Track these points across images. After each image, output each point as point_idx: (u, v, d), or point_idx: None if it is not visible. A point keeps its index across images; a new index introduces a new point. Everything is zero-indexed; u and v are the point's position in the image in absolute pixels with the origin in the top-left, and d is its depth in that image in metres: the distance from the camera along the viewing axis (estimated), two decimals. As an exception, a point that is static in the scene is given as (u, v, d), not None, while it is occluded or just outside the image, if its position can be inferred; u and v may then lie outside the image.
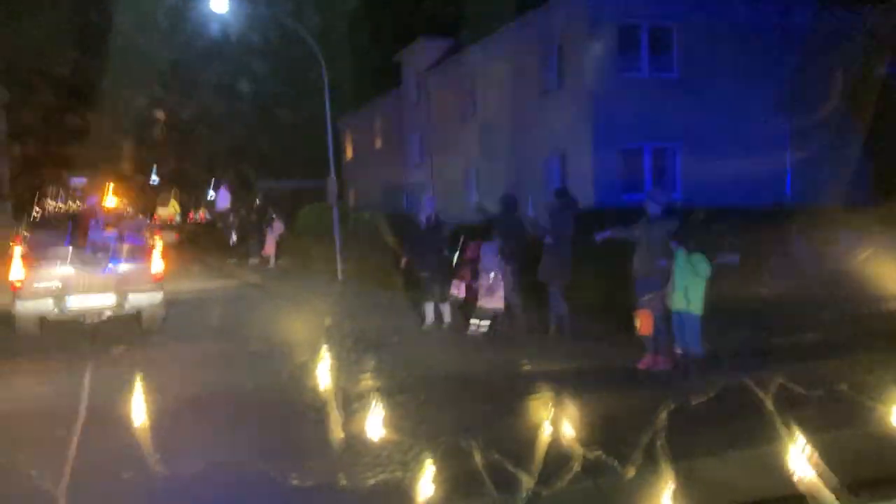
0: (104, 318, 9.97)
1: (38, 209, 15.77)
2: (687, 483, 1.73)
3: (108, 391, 5.81)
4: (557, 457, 2.52)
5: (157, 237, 10.97)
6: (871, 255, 9.18)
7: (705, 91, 16.59)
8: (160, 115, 41.06)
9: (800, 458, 1.57)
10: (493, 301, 9.51)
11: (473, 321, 9.84)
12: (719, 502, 2.82)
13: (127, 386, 3.60)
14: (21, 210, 32.29)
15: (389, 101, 29.26)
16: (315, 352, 6.78)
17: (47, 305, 9.45)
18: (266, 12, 21.97)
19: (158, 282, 10.20)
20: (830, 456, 1.80)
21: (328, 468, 3.71)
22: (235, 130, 47.06)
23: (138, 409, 3.09)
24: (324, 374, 3.77)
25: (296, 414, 5.71)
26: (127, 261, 9.96)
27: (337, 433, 3.55)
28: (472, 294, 9.92)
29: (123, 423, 3.26)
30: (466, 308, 10.37)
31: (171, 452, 3.29)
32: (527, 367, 8.07)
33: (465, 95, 22.62)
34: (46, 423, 5.54)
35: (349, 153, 36.16)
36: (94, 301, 9.70)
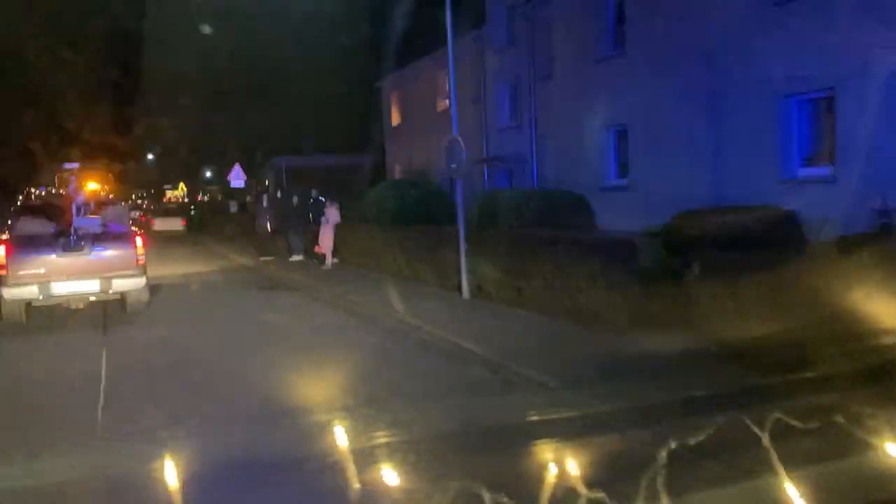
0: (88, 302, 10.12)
1: (21, 197, 17.27)
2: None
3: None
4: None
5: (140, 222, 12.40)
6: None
7: None
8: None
9: (795, 488, 1.51)
10: None
11: None
12: None
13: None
14: (2, 197, 31.61)
15: (462, 47, 22.56)
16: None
17: (32, 292, 9.56)
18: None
19: (141, 266, 10.20)
20: (826, 485, 1.81)
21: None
22: (240, 102, 41.13)
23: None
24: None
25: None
26: (110, 246, 10.09)
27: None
28: None
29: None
30: None
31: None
32: None
33: (603, 23, 16.03)
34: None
35: (395, 119, 29.56)
36: (79, 286, 9.78)
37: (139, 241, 10.31)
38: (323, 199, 16.18)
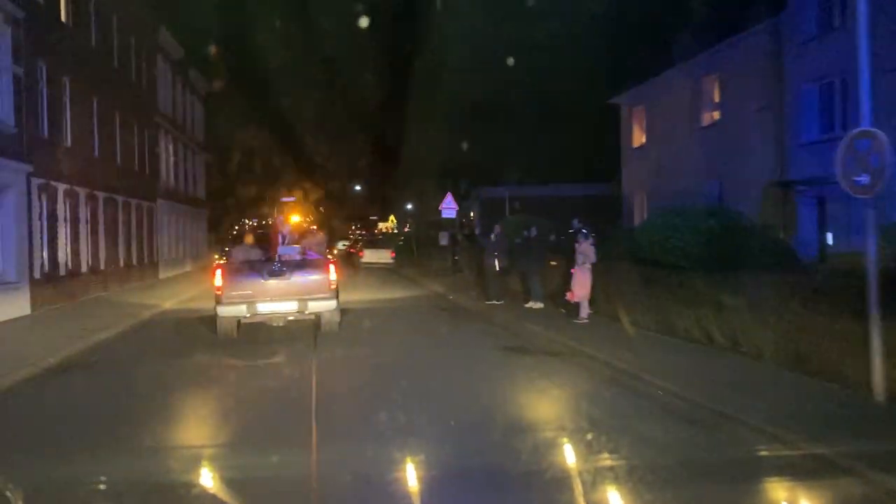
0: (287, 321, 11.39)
1: (236, 226, 18.29)
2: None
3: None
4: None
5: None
6: None
7: None
8: None
9: None
10: None
11: None
12: None
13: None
14: (218, 222, 34.58)
15: (742, 45, 17.78)
16: None
17: (241, 310, 10.80)
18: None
19: (334, 290, 11.14)
20: None
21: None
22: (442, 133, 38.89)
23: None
24: None
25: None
26: (307, 272, 11.12)
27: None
28: None
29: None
30: None
31: None
32: None
33: None
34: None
35: (636, 140, 25.08)
36: (280, 307, 10.94)
37: (332, 268, 11.31)
38: (585, 231, 12.05)
